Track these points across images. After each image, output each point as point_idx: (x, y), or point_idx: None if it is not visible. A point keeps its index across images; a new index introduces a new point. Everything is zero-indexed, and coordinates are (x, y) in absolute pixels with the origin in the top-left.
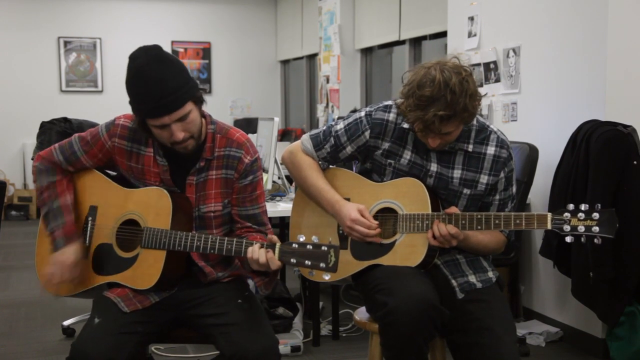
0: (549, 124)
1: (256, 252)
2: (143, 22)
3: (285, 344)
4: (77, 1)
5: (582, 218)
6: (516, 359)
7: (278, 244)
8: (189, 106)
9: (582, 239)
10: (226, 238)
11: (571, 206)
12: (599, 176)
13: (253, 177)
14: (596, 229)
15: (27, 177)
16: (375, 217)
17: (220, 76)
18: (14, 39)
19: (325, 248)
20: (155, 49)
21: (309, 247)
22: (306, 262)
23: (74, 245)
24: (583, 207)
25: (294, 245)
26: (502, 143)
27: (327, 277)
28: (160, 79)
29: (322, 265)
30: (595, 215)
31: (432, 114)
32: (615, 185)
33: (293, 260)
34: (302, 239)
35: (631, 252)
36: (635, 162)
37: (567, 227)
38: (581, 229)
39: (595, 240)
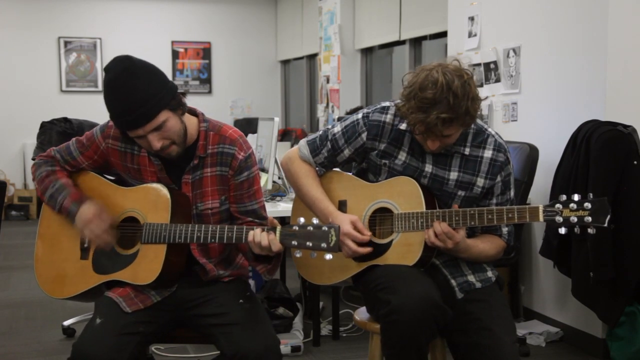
0: (549, 124)
1: (258, 235)
2: (143, 22)
3: (285, 344)
4: (77, 1)
5: (574, 209)
6: (516, 359)
7: (279, 227)
8: (164, 115)
9: (576, 230)
10: (226, 226)
11: (563, 197)
12: (599, 176)
13: (248, 173)
14: (588, 219)
15: (27, 177)
16: (372, 217)
17: (220, 76)
18: (14, 39)
19: (326, 228)
20: (126, 61)
21: (310, 228)
22: (307, 243)
23: (86, 203)
24: (575, 197)
25: (294, 227)
26: (499, 147)
27: (328, 257)
28: (129, 93)
29: (324, 245)
30: (587, 205)
31: (434, 117)
32: (615, 185)
33: (294, 243)
34: (302, 220)
35: (631, 252)
36: (635, 162)
37: (559, 219)
38: (573, 219)
39: (589, 230)
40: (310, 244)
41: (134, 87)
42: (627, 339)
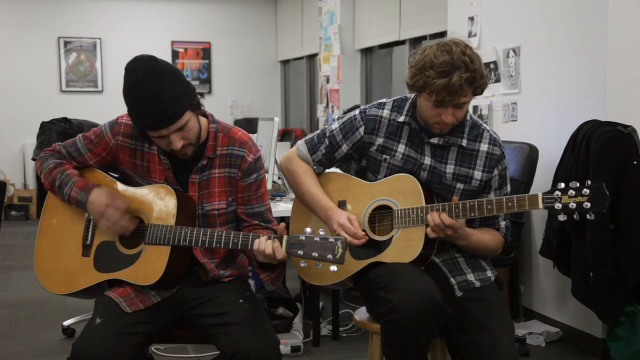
0: (549, 124)
1: (262, 243)
2: (143, 22)
3: (285, 344)
4: (77, 1)
5: (572, 195)
6: (514, 358)
7: (285, 236)
8: (187, 116)
9: (575, 216)
10: (232, 232)
11: (562, 184)
12: (599, 176)
13: (257, 175)
14: (587, 204)
15: (27, 177)
16: (372, 215)
17: (220, 76)
18: (14, 39)
19: (333, 240)
20: (151, 62)
21: (316, 239)
22: (313, 254)
23: (94, 191)
24: (573, 184)
25: (300, 237)
26: (494, 141)
27: (333, 268)
28: (157, 94)
29: (330, 256)
30: (586, 191)
31: (457, 78)
32: (616, 185)
33: (300, 252)
34: (308, 230)
35: (631, 252)
36: (635, 162)
37: (558, 205)
38: (572, 205)
39: (588, 216)
40: (317, 255)
41: (163, 89)
42: (627, 339)
